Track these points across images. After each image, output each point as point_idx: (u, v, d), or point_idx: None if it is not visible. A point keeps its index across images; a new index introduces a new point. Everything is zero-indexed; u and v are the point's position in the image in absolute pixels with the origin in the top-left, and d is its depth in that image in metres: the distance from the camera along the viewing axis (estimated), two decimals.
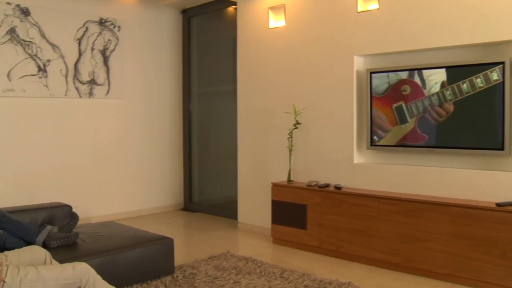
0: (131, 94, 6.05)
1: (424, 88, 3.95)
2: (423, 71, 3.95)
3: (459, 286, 3.53)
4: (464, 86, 3.72)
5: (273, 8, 5.05)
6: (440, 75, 3.86)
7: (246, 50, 5.38)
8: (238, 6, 5.45)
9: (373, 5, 4.24)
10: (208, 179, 6.59)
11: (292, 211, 4.58)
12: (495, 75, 3.57)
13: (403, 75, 4.08)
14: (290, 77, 4.92)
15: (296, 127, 4.72)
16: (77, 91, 5.51)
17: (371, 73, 4.27)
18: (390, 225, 3.90)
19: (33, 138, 5.20)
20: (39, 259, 2.72)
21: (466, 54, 3.82)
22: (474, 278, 3.47)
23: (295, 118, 4.72)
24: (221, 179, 6.38)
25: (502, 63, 3.53)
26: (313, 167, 4.73)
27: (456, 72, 3.77)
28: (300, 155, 4.83)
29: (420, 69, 3.97)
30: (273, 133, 5.07)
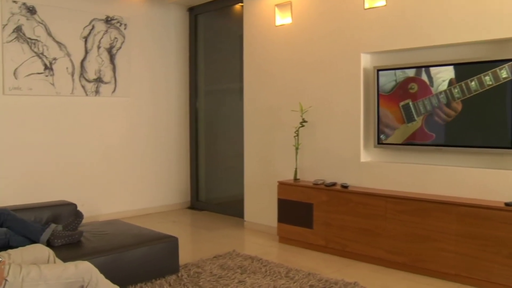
0: (137, 92, 6.05)
1: (432, 86, 3.90)
2: (431, 68, 3.90)
3: (467, 286, 3.48)
4: (473, 84, 3.66)
5: (280, 5, 5.01)
6: (448, 73, 3.80)
7: (253, 48, 5.35)
8: (245, 3, 5.42)
9: (380, 2, 4.19)
10: (215, 178, 6.57)
11: (298, 210, 4.55)
12: (504, 73, 3.50)
13: (410, 73, 4.03)
14: (297, 74, 4.88)
15: (303, 125, 4.68)
16: (83, 89, 5.51)
17: (378, 70, 4.22)
18: (397, 225, 3.86)
19: (39, 136, 5.21)
20: (43, 258, 2.71)
21: (474, 51, 3.75)
22: (482, 279, 3.42)
23: (301, 116, 4.69)
24: (228, 177, 6.36)
25: (511, 60, 3.47)
26: (320, 165, 4.69)
27: (464, 69, 3.71)
28: (307, 154, 4.80)
29: (427, 67, 3.92)
30: (280, 131, 5.04)
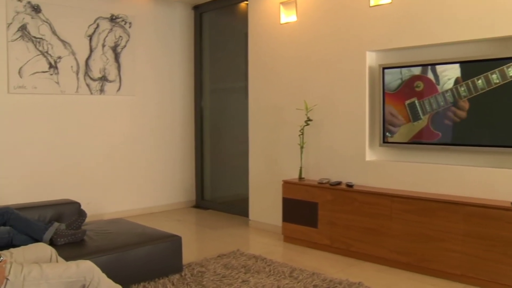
0: (142, 91, 6.04)
1: (438, 84, 3.85)
2: (437, 66, 3.85)
3: (473, 287, 3.44)
4: (479, 82, 3.62)
5: (285, 3, 4.98)
6: (454, 71, 3.75)
7: (258, 46, 5.32)
8: (250, 1, 5.39)
9: None
10: (220, 176, 6.56)
11: (303, 209, 4.52)
12: (511, 71, 3.46)
13: (416, 71, 3.98)
14: (302, 73, 4.85)
15: (308, 124, 4.65)
16: (88, 87, 5.51)
17: (383, 68, 4.18)
18: (402, 224, 3.82)
19: (44, 135, 5.21)
20: (45, 257, 2.70)
21: (480, 48, 3.70)
22: (488, 279, 3.38)
23: (306, 114, 4.66)
24: (233, 176, 6.34)
25: None
26: (325, 164, 4.66)
27: (471, 67, 3.66)
28: (312, 152, 4.77)
29: (433, 65, 3.87)
30: (285, 129, 5.01)
